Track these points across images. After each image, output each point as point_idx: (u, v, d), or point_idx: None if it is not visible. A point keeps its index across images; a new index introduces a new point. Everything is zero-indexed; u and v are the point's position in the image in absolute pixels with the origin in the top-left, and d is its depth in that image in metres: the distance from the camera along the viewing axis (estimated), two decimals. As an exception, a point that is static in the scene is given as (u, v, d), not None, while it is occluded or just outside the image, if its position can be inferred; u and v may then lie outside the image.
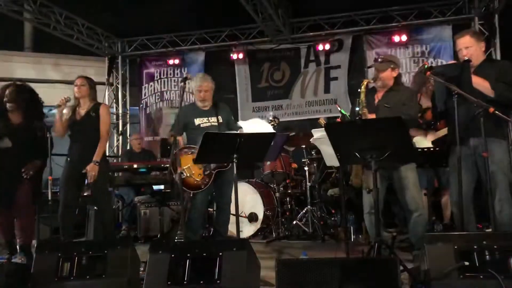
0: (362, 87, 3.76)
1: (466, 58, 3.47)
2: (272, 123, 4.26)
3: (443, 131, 4.45)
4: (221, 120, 4.43)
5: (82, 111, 4.40)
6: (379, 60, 3.96)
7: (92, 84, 4.53)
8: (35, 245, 5.32)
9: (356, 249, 4.07)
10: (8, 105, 4.29)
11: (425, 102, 4.68)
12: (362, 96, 3.73)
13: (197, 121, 4.41)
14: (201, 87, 4.44)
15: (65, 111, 4.32)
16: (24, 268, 2.93)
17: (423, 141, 4.73)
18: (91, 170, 4.22)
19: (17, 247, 4.40)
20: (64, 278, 2.83)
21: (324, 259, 2.67)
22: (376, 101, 3.84)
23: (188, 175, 4.22)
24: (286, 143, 5.47)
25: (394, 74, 3.86)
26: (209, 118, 4.43)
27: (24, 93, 4.40)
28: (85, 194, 5.11)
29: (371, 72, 7.40)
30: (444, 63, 6.91)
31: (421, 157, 4.11)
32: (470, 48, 3.52)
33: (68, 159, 4.39)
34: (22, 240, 4.38)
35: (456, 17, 7.18)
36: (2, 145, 4.14)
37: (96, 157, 4.27)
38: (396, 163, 3.68)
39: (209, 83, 4.49)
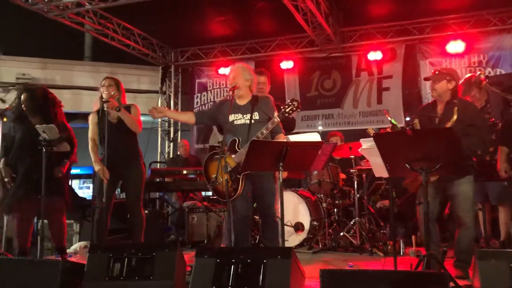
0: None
1: None
2: (291, 107, 3.72)
3: None
4: (257, 117, 3.94)
5: (114, 113, 4.25)
6: (436, 72, 3.89)
7: (119, 84, 4.33)
8: (86, 246, 5.54)
9: (405, 263, 3.96)
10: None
11: None
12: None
13: (231, 117, 3.97)
14: (229, 73, 4.10)
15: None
16: (78, 267, 3.07)
17: None
18: (112, 103, 4.04)
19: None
20: (114, 278, 2.93)
21: (370, 271, 2.61)
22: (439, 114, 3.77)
23: (217, 183, 3.89)
24: (332, 152, 5.37)
25: (450, 86, 3.78)
26: (244, 115, 3.97)
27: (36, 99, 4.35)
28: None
29: (428, 84, 7.24)
30: (504, 73, 6.64)
31: (474, 170, 3.95)
32: None
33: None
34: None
35: (518, 24, 6.87)
36: (61, 149, 4.33)
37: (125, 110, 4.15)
38: (449, 175, 3.57)
39: (237, 68, 4.06)
